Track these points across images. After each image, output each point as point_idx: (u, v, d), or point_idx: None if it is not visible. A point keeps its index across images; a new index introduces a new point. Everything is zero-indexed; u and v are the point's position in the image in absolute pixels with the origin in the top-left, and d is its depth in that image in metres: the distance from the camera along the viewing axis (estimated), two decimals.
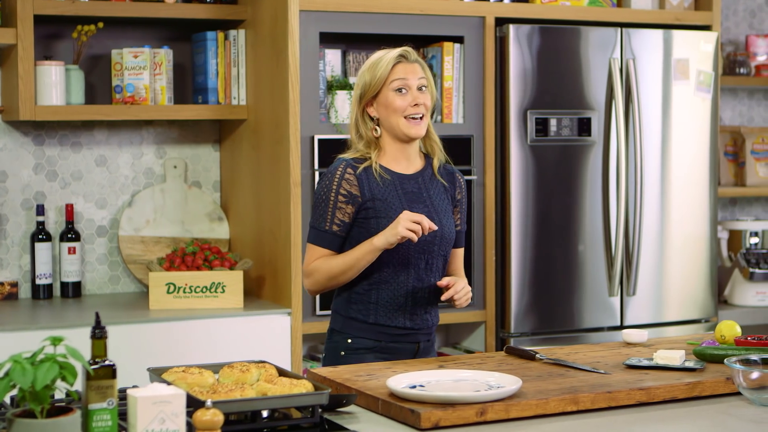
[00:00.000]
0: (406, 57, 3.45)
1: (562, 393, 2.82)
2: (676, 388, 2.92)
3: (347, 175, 3.43)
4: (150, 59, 4.77)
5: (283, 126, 4.60)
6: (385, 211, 3.41)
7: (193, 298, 4.60)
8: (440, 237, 3.46)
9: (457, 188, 3.58)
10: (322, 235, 3.44)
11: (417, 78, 3.44)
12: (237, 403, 2.53)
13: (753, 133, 6.02)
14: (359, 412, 2.80)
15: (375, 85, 3.44)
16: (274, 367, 2.87)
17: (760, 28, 6.27)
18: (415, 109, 3.42)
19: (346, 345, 3.50)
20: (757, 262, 5.73)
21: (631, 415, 2.80)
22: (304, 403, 2.61)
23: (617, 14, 5.16)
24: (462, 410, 2.66)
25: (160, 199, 5.03)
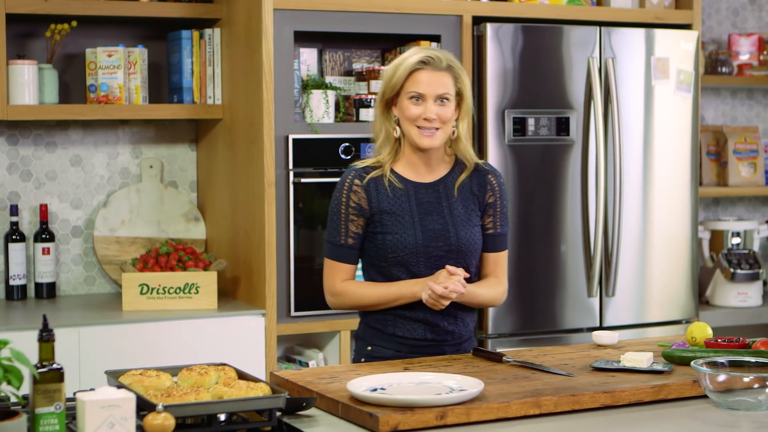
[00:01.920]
0: (429, 63, 3.31)
1: (525, 396, 2.78)
2: (641, 391, 2.89)
3: (354, 187, 3.36)
4: (124, 58, 4.73)
5: (257, 126, 4.56)
6: (392, 225, 3.34)
7: (166, 299, 4.56)
8: (456, 251, 3.36)
9: (488, 192, 3.44)
10: (339, 250, 3.39)
11: (437, 89, 3.30)
12: (190, 406, 2.50)
13: (735, 133, 5.99)
14: (320, 416, 2.77)
15: (392, 87, 3.34)
16: (233, 370, 2.83)
17: (743, 27, 6.23)
18: (426, 122, 3.30)
19: (367, 352, 3.47)
20: (738, 262, 5.69)
21: (595, 419, 2.76)
22: (260, 407, 2.58)
23: (597, 13, 5.13)
24: (422, 414, 2.62)
25: (136, 200, 5.00)
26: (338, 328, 4.68)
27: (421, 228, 3.34)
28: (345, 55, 5.01)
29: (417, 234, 3.34)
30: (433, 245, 3.34)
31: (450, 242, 3.35)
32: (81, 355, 4.25)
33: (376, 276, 3.42)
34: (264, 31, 4.50)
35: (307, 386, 2.89)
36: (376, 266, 3.40)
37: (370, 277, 3.44)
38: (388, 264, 3.37)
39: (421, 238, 3.33)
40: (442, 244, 3.35)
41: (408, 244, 3.33)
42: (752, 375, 2.85)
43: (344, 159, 4.65)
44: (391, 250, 3.34)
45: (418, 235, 3.33)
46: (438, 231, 3.35)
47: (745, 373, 2.89)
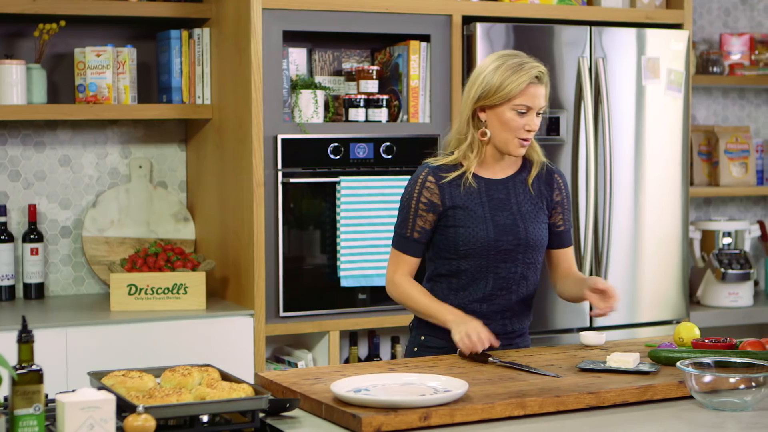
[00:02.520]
0: (540, 79, 3.38)
1: (509, 397, 2.77)
2: (626, 392, 2.88)
3: (428, 184, 3.41)
4: (113, 58, 4.71)
5: (246, 125, 4.55)
6: (464, 219, 3.39)
7: (155, 299, 4.54)
8: (524, 245, 3.43)
9: (555, 190, 3.52)
10: (405, 242, 3.46)
11: (541, 102, 3.37)
12: (171, 408, 2.48)
13: (727, 133, 5.98)
14: (303, 417, 2.76)
15: (499, 97, 3.34)
16: (217, 371, 2.82)
17: (735, 26, 6.22)
18: (528, 133, 3.37)
19: (420, 342, 3.52)
20: (729, 262, 5.68)
21: (580, 420, 2.75)
22: (242, 408, 2.57)
23: (587, 13, 5.11)
24: (405, 415, 2.61)
25: (125, 200, 4.98)
26: (327, 329, 4.67)
27: (492, 222, 3.40)
28: (334, 54, 5.00)
29: (489, 228, 3.39)
30: (503, 239, 3.40)
31: (519, 236, 3.42)
32: (68, 356, 4.24)
33: (442, 268, 3.47)
34: (253, 31, 4.48)
35: (291, 387, 2.88)
36: (445, 258, 3.46)
37: (436, 269, 3.49)
38: (458, 257, 3.42)
39: (492, 232, 3.39)
40: (512, 238, 3.41)
41: (479, 237, 3.39)
42: (738, 376, 2.84)
43: (333, 159, 4.64)
44: (462, 243, 3.40)
45: (489, 229, 3.39)
46: (508, 226, 3.41)
47: (731, 373, 2.89)
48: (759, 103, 6.28)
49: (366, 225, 4.66)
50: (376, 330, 4.99)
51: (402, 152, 4.73)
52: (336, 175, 4.65)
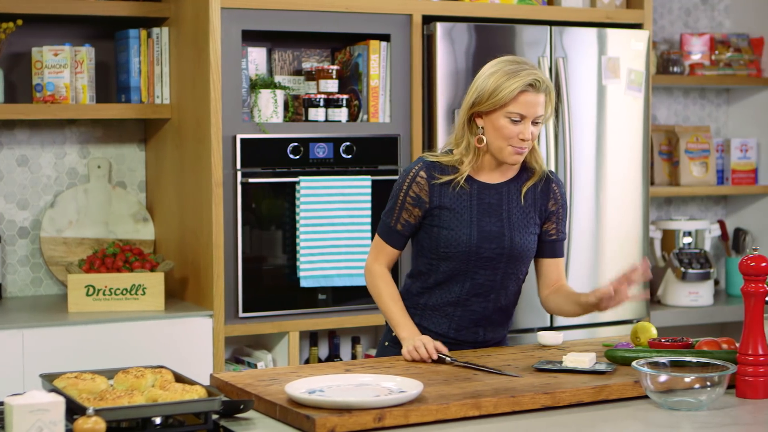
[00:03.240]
0: (535, 86, 3.27)
1: (464, 397, 2.76)
2: (582, 392, 2.88)
3: (419, 179, 3.36)
4: (71, 57, 4.68)
5: (204, 125, 4.52)
6: (449, 221, 3.35)
7: (113, 300, 4.51)
8: (508, 254, 3.37)
9: (551, 200, 3.45)
10: (388, 231, 3.44)
11: (537, 111, 3.28)
12: (122, 410, 2.46)
13: (687, 132, 6.00)
14: (258, 418, 2.74)
15: (492, 103, 3.28)
16: (171, 373, 2.81)
17: (695, 26, 6.24)
18: (522, 142, 3.29)
19: (391, 337, 3.50)
20: (689, 262, 5.70)
21: (535, 420, 2.75)
22: (194, 410, 2.55)
23: (547, 12, 5.12)
24: (359, 416, 2.60)
25: (84, 200, 4.94)
26: (287, 329, 4.65)
27: (478, 228, 3.35)
28: (294, 54, 4.98)
29: (472, 233, 3.35)
30: (486, 246, 3.35)
31: (503, 245, 3.36)
32: (25, 358, 4.20)
33: (422, 266, 3.43)
34: (211, 30, 4.46)
35: (246, 388, 2.86)
36: (425, 257, 3.42)
37: (417, 266, 3.46)
38: (438, 258, 3.38)
39: (475, 238, 3.34)
40: (495, 247, 3.36)
41: (461, 241, 3.34)
42: (693, 375, 2.84)
43: (293, 159, 4.62)
44: (443, 245, 3.36)
45: (473, 235, 3.34)
46: (493, 233, 3.36)
47: (686, 373, 2.89)
48: (719, 102, 6.31)
49: (326, 225, 4.65)
50: (337, 330, 4.98)
51: (362, 152, 4.72)
52: (295, 175, 4.63)
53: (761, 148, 6.15)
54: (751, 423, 2.75)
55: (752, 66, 6.08)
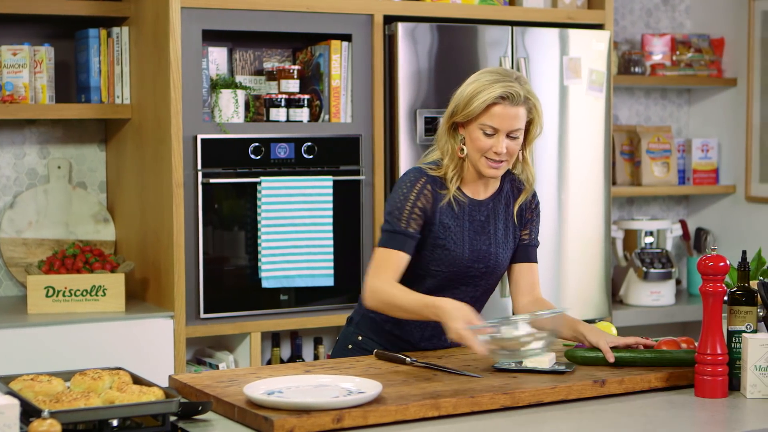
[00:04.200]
0: (508, 99, 3.17)
1: (424, 398, 2.76)
2: (541, 392, 2.88)
3: (426, 191, 3.26)
4: (30, 57, 4.64)
5: (165, 125, 4.50)
6: (444, 239, 3.28)
7: (73, 301, 4.48)
8: (491, 272, 3.36)
9: (527, 210, 3.43)
10: (398, 236, 3.24)
11: (511, 124, 3.19)
12: (77, 412, 2.44)
13: (649, 133, 6.02)
14: (217, 420, 2.73)
15: (465, 114, 3.22)
16: (128, 374, 2.79)
17: (657, 27, 6.26)
18: (496, 155, 3.22)
19: (356, 341, 3.45)
20: (651, 261, 5.72)
21: (494, 420, 2.75)
22: (150, 412, 2.53)
23: (508, 13, 5.12)
24: (318, 417, 2.59)
25: (44, 201, 4.91)
26: (248, 330, 4.64)
27: (470, 247, 3.31)
28: (255, 54, 4.96)
29: (464, 252, 3.30)
30: (475, 266, 3.32)
31: (489, 264, 3.34)
32: None
33: (407, 281, 3.28)
34: (171, 30, 4.44)
35: (205, 390, 2.85)
36: (412, 272, 3.30)
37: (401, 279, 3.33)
38: (425, 274, 3.32)
39: (467, 258, 3.31)
40: (482, 266, 3.33)
41: (455, 261, 3.30)
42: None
43: (254, 159, 4.60)
44: (435, 263, 3.30)
45: (464, 254, 3.30)
46: (482, 252, 3.33)
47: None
48: (681, 103, 6.33)
49: (287, 225, 4.63)
50: (299, 331, 4.96)
51: (323, 152, 4.71)
52: (257, 175, 4.61)
53: (722, 148, 6.18)
54: (709, 422, 2.77)
55: (713, 66, 6.11)
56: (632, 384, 3.01)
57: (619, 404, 2.90)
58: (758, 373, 2.94)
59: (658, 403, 2.92)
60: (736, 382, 3.01)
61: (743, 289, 3.03)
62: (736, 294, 3.03)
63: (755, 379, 2.94)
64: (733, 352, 3.02)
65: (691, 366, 3.03)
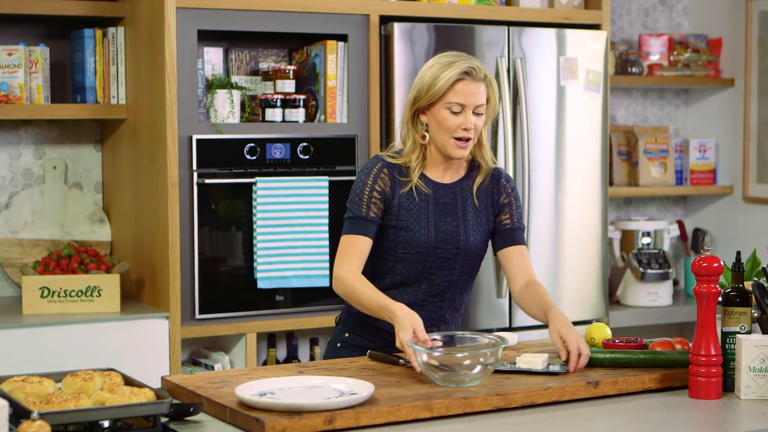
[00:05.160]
0: (470, 74, 3.27)
1: (416, 399, 2.75)
2: (534, 393, 2.87)
3: (383, 175, 3.33)
4: (25, 57, 4.64)
5: (160, 126, 4.49)
6: (408, 222, 3.33)
7: (68, 302, 4.47)
8: (463, 254, 3.37)
9: (502, 194, 3.44)
10: (359, 222, 3.32)
11: (476, 99, 3.28)
12: (67, 414, 2.43)
13: (646, 133, 6.01)
14: (208, 421, 2.72)
15: (430, 96, 3.28)
16: (120, 375, 2.78)
17: (654, 27, 6.26)
18: (465, 132, 3.28)
19: (344, 338, 3.47)
20: (648, 262, 5.71)
21: (487, 422, 2.74)
22: (140, 413, 2.52)
23: (505, 13, 5.11)
24: (309, 418, 2.58)
25: (39, 201, 4.90)
26: (244, 331, 4.63)
27: (435, 228, 3.35)
28: (251, 54, 4.95)
29: (430, 234, 3.34)
30: (443, 247, 3.35)
31: (459, 245, 3.36)
32: None
33: (378, 267, 3.39)
34: (167, 30, 4.43)
35: (197, 391, 2.84)
36: (383, 259, 3.39)
37: (374, 268, 3.41)
38: (395, 260, 3.37)
39: (433, 239, 3.34)
40: (452, 247, 3.36)
41: (420, 243, 3.33)
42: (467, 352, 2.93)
43: (249, 159, 4.60)
44: (402, 247, 3.35)
45: (431, 235, 3.34)
46: (450, 233, 3.36)
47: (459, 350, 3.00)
48: (678, 103, 6.32)
49: (283, 226, 4.62)
50: (295, 332, 4.95)
51: (319, 153, 4.70)
52: (252, 175, 4.60)
53: (720, 148, 6.17)
54: (703, 423, 2.76)
55: (710, 67, 6.10)
56: (626, 385, 3.00)
57: (612, 405, 2.89)
58: (752, 375, 2.93)
59: (652, 404, 2.91)
60: (730, 383, 3.00)
61: (737, 290, 3.02)
62: (730, 295, 3.02)
63: (749, 380, 2.93)
64: (728, 353, 3.01)
65: (685, 367, 3.02)
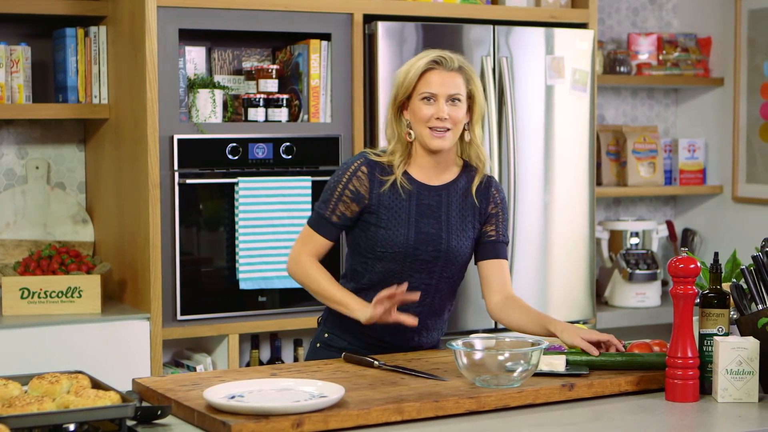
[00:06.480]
0: (441, 63, 3.29)
1: (387, 402, 2.72)
2: (507, 396, 2.84)
3: (360, 174, 3.33)
4: (6, 56, 4.60)
5: (142, 125, 4.46)
6: (387, 220, 3.32)
7: (48, 303, 4.44)
8: (444, 258, 3.34)
9: (490, 203, 3.42)
10: (322, 222, 3.36)
11: (448, 89, 3.28)
12: (30, 417, 2.40)
13: (635, 133, 5.97)
14: (176, 424, 2.69)
15: (405, 89, 3.32)
16: (88, 378, 2.75)
17: (643, 26, 6.22)
18: (438, 122, 3.27)
19: (323, 339, 3.46)
20: (636, 262, 5.68)
21: (459, 425, 2.71)
22: (105, 417, 2.49)
23: (491, 12, 5.07)
24: (277, 422, 2.55)
25: (21, 201, 4.86)
26: (226, 332, 4.60)
27: (415, 229, 3.33)
28: (234, 53, 4.92)
29: (410, 234, 3.32)
30: (422, 248, 3.33)
31: (440, 249, 3.34)
32: None
33: (358, 265, 3.39)
34: (147, 29, 4.40)
35: (166, 394, 2.81)
36: (362, 256, 3.38)
37: (352, 265, 3.42)
38: (374, 258, 3.35)
39: (412, 239, 3.32)
40: (431, 249, 3.33)
41: (398, 242, 3.31)
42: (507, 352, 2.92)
43: (232, 159, 4.56)
44: (380, 245, 3.33)
45: (410, 236, 3.32)
46: (431, 235, 3.33)
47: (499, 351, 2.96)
48: (668, 103, 6.29)
49: (265, 226, 4.59)
50: (278, 333, 4.92)
51: (302, 152, 4.67)
52: (234, 175, 4.57)
53: (709, 148, 6.14)
54: (678, 427, 2.73)
55: (700, 66, 6.06)
56: (602, 388, 2.96)
57: (587, 408, 2.86)
58: (729, 377, 2.90)
59: (628, 407, 2.88)
60: (707, 386, 2.97)
61: (715, 292, 2.99)
62: (708, 296, 2.99)
63: (726, 382, 2.90)
64: (705, 355, 2.98)
65: (663, 369, 2.99)
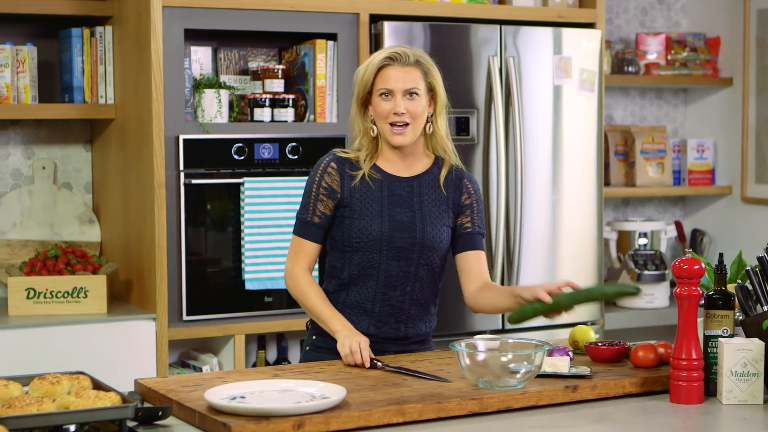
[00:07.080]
0: (396, 59, 3.33)
1: (389, 404, 2.70)
2: (510, 398, 2.82)
3: (330, 169, 3.37)
4: (12, 56, 4.60)
5: (147, 126, 4.45)
6: (360, 211, 3.35)
7: (54, 303, 4.43)
8: (420, 245, 3.36)
9: (463, 194, 3.45)
10: (305, 226, 3.40)
11: (404, 84, 3.31)
12: (29, 418, 2.39)
13: (643, 133, 5.95)
14: (177, 425, 2.68)
15: (363, 86, 3.36)
16: (89, 379, 2.74)
17: (652, 26, 6.20)
18: (396, 117, 3.31)
19: (312, 341, 3.47)
20: (644, 263, 5.65)
21: (461, 427, 2.70)
22: (105, 417, 2.48)
23: (498, 11, 5.06)
24: (278, 423, 2.54)
25: (28, 201, 4.86)
26: (232, 332, 4.59)
27: (389, 218, 3.35)
28: (240, 53, 4.91)
29: (384, 223, 3.34)
30: (397, 236, 3.35)
31: (415, 236, 3.36)
32: None
33: (337, 261, 3.42)
34: (153, 29, 4.39)
35: (168, 395, 2.80)
36: (339, 251, 3.40)
37: (331, 261, 3.44)
38: (351, 250, 3.37)
39: (387, 228, 3.34)
40: (407, 236, 3.35)
41: (373, 231, 3.34)
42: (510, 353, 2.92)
43: (237, 159, 4.56)
44: (356, 236, 3.35)
45: (384, 225, 3.34)
46: (404, 223, 3.36)
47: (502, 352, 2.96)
48: (677, 103, 6.27)
49: (271, 227, 4.58)
50: (285, 333, 4.91)
51: (308, 152, 4.66)
52: (240, 176, 4.56)
53: (718, 148, 6.12)
54: (681, 429, 2.71)
55: (708, 66, 6.04)
56: (605, 389, 2.95)
57: (590, 410, 2.85)
58: (734, 379, 2.88)
59: (632, 409, 2.86)
60: (712, 388, 2.95)
61: (720, 293, 2.97)
62: (712, 297, 2.97)
63: (731, 384, 2.88)
64: (710, 356, 2.96)
65: (623, 296, 2.97)
